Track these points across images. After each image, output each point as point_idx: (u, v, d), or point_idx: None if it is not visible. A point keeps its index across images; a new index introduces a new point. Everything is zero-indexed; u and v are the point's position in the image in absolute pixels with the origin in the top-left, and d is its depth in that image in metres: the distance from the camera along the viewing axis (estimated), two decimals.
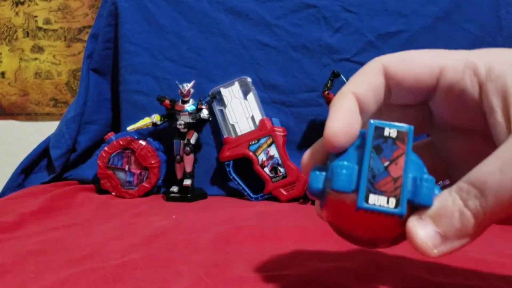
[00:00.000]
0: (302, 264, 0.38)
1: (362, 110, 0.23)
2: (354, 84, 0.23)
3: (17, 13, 1.11)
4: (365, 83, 0.23)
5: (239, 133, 0.77)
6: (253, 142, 0.76)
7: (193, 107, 0.75)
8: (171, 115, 0.76)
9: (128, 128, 0.75)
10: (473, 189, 0.19)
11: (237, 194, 0.78)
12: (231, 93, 0.79)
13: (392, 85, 0.23)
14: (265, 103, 0.80)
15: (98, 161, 0.75)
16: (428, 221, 0.20)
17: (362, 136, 0.22)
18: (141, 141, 0.76)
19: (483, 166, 0.19)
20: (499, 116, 0.20)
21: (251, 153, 0.76)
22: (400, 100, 0.23)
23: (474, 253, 0.39)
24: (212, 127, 0.83)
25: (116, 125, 0.88)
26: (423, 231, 0.20)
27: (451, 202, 0.20)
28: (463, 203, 0.20)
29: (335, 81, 0.76)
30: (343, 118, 0.22)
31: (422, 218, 0.20)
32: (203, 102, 0.75)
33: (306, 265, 0.37)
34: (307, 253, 0.41)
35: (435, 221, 0.20)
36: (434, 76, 0.22)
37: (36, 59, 1.11)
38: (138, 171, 0.76)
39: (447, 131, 0.25)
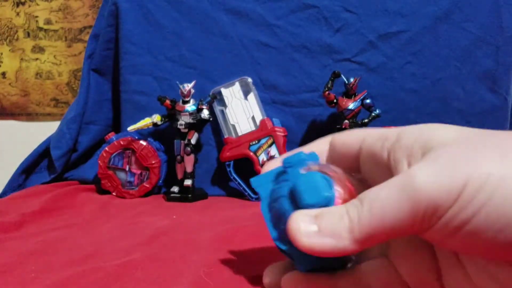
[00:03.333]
0: None
1: None
2: (305, 146, 0.29)
3: (18, 14, 1.11)
4: (313, 146, 0.29)
5: (239, 133, 0.77)
6: (254, 142, 0.76)
7: (194, 107, 0.75)
8: (171, 115, 0.77)
9: (129, 128, 0.75)
10: (356, 201, 0.21)
11: (238, 194, 0.78)
12: (232, 93, 0.79)
13: (331, 150, 0.28)
14: (265, 103, 0.80)
15: (99, 161, 0.75)
16: (312, 216, 0.22)
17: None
18: (141, 141, 0.76)
19: (375, 186, 0.22)
20: (403, 168, 0.22)
21: (251, 153, 0.76)
22: (339, 163, 0.28)
23: None
24: (212, 127, 0.83)
25: (117, 125, 0.88)
26: (302, 219, 0.22)
27: (336, 209, 0.22)
28: (345, 210, 0.21)
29: (336, 81, 0.76)
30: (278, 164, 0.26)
31: (307, 213, 0.22)
32: (204, 102, 0.75)
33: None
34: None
35: (318, 218, 0.22)
36: (358, 143, 0.26)
37: (37, 59, 1.11)
38: (138, 171, 0.76)
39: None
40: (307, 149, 0.30)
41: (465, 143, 0.21)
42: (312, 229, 0.21)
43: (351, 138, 0.27)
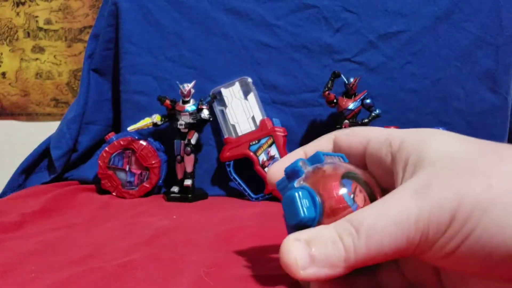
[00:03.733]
0: None
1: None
2: (308, 145, 0.31)
3: (18, 14, 1.11)
4: (316, 145, 0.31)
5: (239, 133, 0.77)
6: (254, 142, 0.76)
7: (194, 107, 0.75)
8: (171, 115, 0.77)
9: (129, 128, 0.75)
10: (350, 226, 0.22)
11: (238, 194, 0.78)
12: (232, 93, 0.79)
13: (336, 150, 0.29)
14: (265, 103, 0.80)
15: (99, 161, 0.75)
16: (303, 242, 0.22)
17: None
18: (141, 141, 0.76)
19: (365, 209, 0.22)
20: (400, 180, 0.24)
21: (251, 153, 0.76)
22: None
23: None
24: (212, 127, 0.83)
25: (117, 125, 0.88)
26: (295, 249, 0.22)
27: (327, 233, 0.22)
28: (338, 236, 0.22)
29: (336, 81, 0.76)
30: (285, 163, 0.27)
31: (298, 238, 0.22)
32: (204, 102, 0.75)
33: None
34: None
35: (309, 244, 0.22)
36: (363, 145, 0.27)
37: (37, 59, 1.12)
38: (138, 171, 0.76)
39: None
40: (310, 147, 0.31)
41: (455, 166, 0.22)
42: (307, 261, 0.22)
43: (356, 141, 0.28)
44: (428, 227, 0.20)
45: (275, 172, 0.30)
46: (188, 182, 0.75)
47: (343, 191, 0.24)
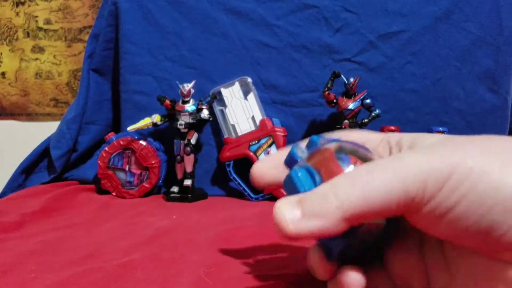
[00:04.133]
0: (302, 264, 0.38)
1: None
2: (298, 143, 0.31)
3: (17, 14, 1.11)
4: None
5: (239, 133, 0.77)
6: (254, 142, 0.76)
7: (194, 107, 0.75)
8: (171, 115, 0.76)
9: (129, 128, 0.75)
10: (345, 178, 0.22)
11: (238, 194, 0.78)
12: (232, 93, 0.79)
13: None
14: (265, 103, 0.80)
15: (99, 161, 0.75)
16: (294, 202, 0.22)
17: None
18: (141, 141, 0.76)
19: (363, 165, 0.23)
20: None
21: (251, 153, 0.76)
22: None
23: None
24: (212, 127, 0.83)
25: (117, 125, 0.88)
26: (285, 208, 0.22)
27: (319, 189, 0.22)
28: (330, 187, 0.22)
29: (336, 81, 0.76)
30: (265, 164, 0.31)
31: (290, 199, 0.22)
32: (204, 102, 0.75)
33: (306, 264, 0.37)
34: (307, 253, 0.41)
35: (300, 202, 0.22)
36: (363, 142, 0.27)
37: (36, 59, 1.11)
38: (138, 171, 0.76)
39: None
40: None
41: (451, 142, 0.23)
42: (298, 215, 0.21)
43: (354, 138, 0.28)
44: (426, 180, 0.20)
45: (262, 172, 0.30)
46: (188, 182, 0.75)
47: (341, 164, 0.24)
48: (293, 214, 0.21)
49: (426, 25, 0.81)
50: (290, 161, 0.26)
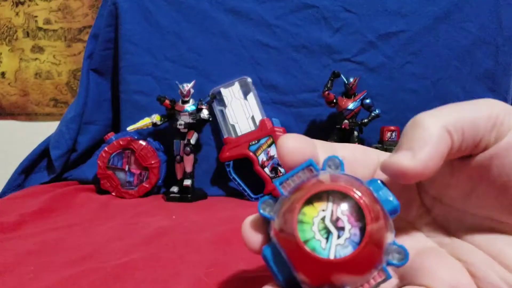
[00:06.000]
0: None
1: None
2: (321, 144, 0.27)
3: (17, 13, 1.11)
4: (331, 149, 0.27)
5: (239, 133, 0.77)
6: (253, 142, 0.76)
7: (193, 107, 0.75)
8: (171, 115, 0.76)
9: (128, 128, 0.75)
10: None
11: (237, 194, 0.78)
12: (231, 93, 0.79)
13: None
14: (265, 103, 0.80)
15: (98, 161, 0.75)
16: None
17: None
18: (141, 141, 0.76)
19: None
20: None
21: (251, 153, 0.76)
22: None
23: None
24: (212, 127, 0.83)
25: (116, 125, 0.87)
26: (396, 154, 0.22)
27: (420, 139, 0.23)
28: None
29: (335, 81, 0.76)
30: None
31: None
32: (203, 102, 0.75)
33: None
34: None
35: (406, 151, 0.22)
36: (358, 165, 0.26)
37: (36, 59, 1.11)
38: (138, 171, 0.76)
39: None
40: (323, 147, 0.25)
41: None
42: (408, 154, 0.21)
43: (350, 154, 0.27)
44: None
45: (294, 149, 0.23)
46: (187, 182, 0.75)
47: (306, 233, 0.19)
48: (405, 154, 0.21)
49: (426, 25, 0.81)
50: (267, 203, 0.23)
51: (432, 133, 0.22)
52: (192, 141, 0.75)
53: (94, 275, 0.36)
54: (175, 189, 0.75)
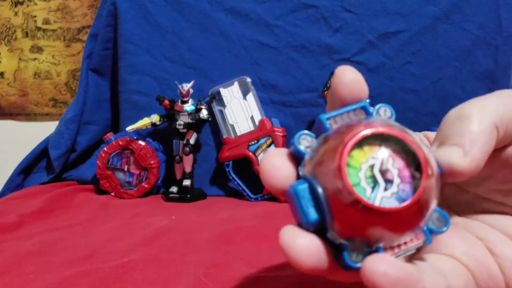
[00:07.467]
0: None
1: None
2: None
3: (16, 13, 1.10)
4: None
5: (238, 134, 0.77)
6: (253, 143, 0.76)
7: (193, 107, 0.75)
8: (170, 115, 0.76)
9: (128, 129, 0.75)
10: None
11: (237, 194, 0.78)
12: (231, 93, 0.79)
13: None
14: (264, 103, 0.80)
15: (97, 162, 0.75)
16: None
17: None
18: (140, 142, 0.75)
19: None
20: None
21: (250, 154, 0.76)
22: None
23: None
24: (211, 127, 0.83)
25: (116, 126, 0.87)
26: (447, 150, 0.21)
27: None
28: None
29: None
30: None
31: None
32: (203, 102, 0.75)
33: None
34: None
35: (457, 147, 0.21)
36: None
37: (35, 59, 1.11)
38: (137, 172, 0.76)
39: None
40: None
41: None
42: (460, 152, 0.21)
43: None
44: None
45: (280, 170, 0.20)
46: (187, 182, 0.75)
47: (352, 177, 0.18)
48: (457, 152, 0.20)
49: (426, 25, 0.81)
50: (296, 156, 0.20)
51: (482, 130, 0.21)
52: (192, 141, 0.75)
53: (93, 275, 0.36)
54: (174, 189, 0.75)
